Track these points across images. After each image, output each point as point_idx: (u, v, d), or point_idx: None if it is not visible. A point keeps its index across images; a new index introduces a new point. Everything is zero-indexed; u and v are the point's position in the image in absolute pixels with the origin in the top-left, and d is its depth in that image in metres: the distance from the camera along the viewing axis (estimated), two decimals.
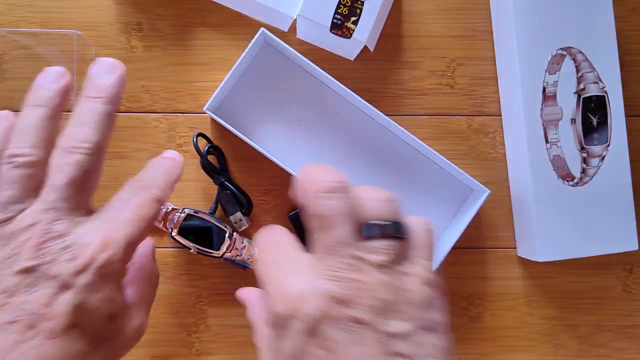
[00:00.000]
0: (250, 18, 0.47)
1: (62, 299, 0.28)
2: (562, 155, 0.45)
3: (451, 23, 0.48)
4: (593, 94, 0.45)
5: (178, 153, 0.35)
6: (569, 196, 0.45)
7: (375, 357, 0.24)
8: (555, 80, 0.45)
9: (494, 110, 0.49)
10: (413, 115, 0.48)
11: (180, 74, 0.47)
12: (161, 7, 0.47)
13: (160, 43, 0.47)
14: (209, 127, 0.47)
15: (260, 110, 0.47)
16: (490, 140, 0.49)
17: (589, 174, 0.45)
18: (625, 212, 0.45)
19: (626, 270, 0.49)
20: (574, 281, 0.48)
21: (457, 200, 0.48)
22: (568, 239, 0.45)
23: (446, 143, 0.48)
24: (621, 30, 0.47)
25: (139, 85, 0.47)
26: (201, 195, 0.47)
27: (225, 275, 0.47)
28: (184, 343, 0.47)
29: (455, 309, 0.48)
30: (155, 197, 0.32)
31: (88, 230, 0.30)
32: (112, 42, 0.47)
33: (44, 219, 0.29)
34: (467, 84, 0.48)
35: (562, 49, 0.45)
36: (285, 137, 0.47)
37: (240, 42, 0.47)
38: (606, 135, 0.45)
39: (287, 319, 0.26)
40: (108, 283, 0.29)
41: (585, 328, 0.48)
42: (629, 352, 0.48)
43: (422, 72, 0.48)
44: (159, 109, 0.47)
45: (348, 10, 0.43)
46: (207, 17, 0.47)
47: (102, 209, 0.31)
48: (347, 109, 0.47)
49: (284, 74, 0.47)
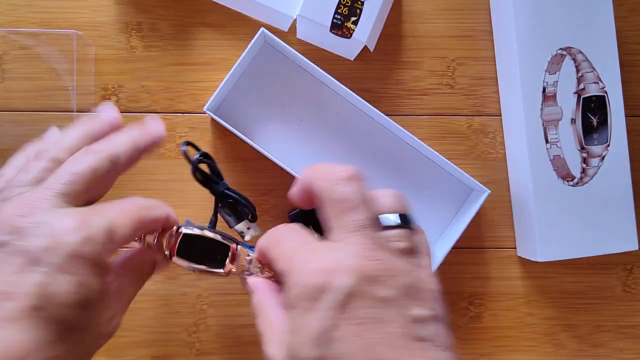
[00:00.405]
0: (250, 18, 0.47)
1: (28, 278, 0.26)
2: (562, 155, 0.45)
3: (451, 23, 0.48)
4: (593, 94, 0.45)
5: (157, 121, 0.35)
6: (569, 196, 0.45)
7: (400, 337, 0.25)
8: (555, 80, 0.45)
9: (494, 110, 0.49)
10: (413, 116, 0.48)
11: (180, 74, 0.47)
12: (161, 7, 0.47)
13: (160, 43, 0.47)
14: (209, 127, 0.47)
15: (260, 110, 0.47)
16: (490, 140, 0.49)
17: (589, 174, 0.45)
18: (625, 212, 0.45)
19: (626, 270, 0.49)
20: (574, 281, 0.48)
21: (457, 200, 0.48)
22: (568, 239, 0.45)
23: (446, 143, 0.48)
24: (621, 30, 0.47)
25: (139, 85, 0.47)
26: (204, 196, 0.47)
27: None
28: (184, 343, 0.47)
29: (455, 309, 0.48)
30: (111, 157, 0.31)
31: (69, 214, 0.29)
32: (112, 42, 0.47)
33: (32, 197, 0.28)
34: (467, 84, 0.48)
35: (562, 49, 0.45)
36: (285, 137, 0.47)
37: (240, 42, 0.47)
38: (606, 135, 0.45)
39: (318, 292, 0.25)
40: (82, 267, 0.27)
41: (585, 328, 0.48)
42: (629, 352, 0.48)
43: (422, 72, 0.48)
44: (159, 109, 0.47)
45: (348, 10, 0.43)
46: (207, 17, 0.47)
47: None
48: (347, 109, 0.47)
49: (284, 74, 0.47)
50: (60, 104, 0.46)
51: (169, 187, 0.47)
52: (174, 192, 0.47)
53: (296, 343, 0.26)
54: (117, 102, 0.47)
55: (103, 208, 0.30)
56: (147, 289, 0.37)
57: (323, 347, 0.25)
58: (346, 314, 0.25)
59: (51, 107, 0.46)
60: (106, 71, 0.47)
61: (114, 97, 0.47)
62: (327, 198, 0.28)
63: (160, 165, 0.47)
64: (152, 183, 0.47)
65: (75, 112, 0.46)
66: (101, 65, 0.47)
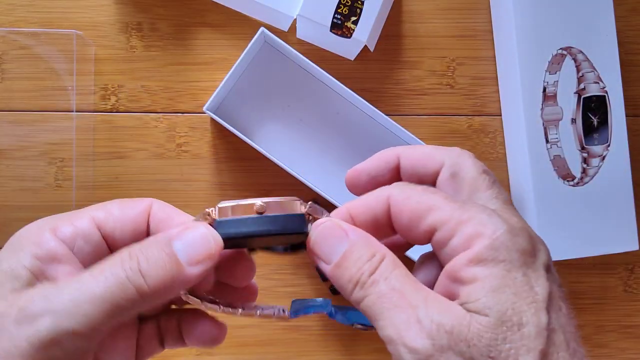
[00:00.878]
0: (250, 18, 0.47)
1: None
2: (563, 155, 0.45)
3: (451, 23, 0.48)
4: (593, 93, 0.45)
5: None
6: (569, 196, 0.44)
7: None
8: (556, 80, 0.45)
9: (494, 110, 0.48)
10: (413, 115, 0.48)
11: (180, 73, 0.47)
12: (161, 6, 0.47)
13: (160, 43, 0.47)
14: (209, 127, 0.47)
15: (260, 110, 0.47)
16: (491, 140, 0.48)
17: (590, 174, 0.45)
18: (625, 211, 0.45)
19: (627, 270, 0.48)
20: (575, 281, 0.48)
21: None
22: (569, 239, 0.44)
23: (446, 143, 0.48)
24: (621, 30, 0.47)
25: (139, 85, 0.47)
26: (204, 196, 0.47)
27: None
28: None
29: None
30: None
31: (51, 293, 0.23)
32: (112, 42, 0.47)
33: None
34: (468, 84, 0.48)
35: (562, 48, 0.45)
36: (285, 137, 0.47)
37: (240, 42, 0.47)
38: (606, 135, 0.45)
39: (534, 251, 0.24)
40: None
41: (587, 328, 0.48)
42: (631, 352, 0.48)
43: (422, 72, 0.48)
44: (158, 109, 0.47)
45: (348, 10, 0.43)
46: (207, 17, 0.47)
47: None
48: (347, 108, 0.47)
49: (284, 73, 0.47)
50: (59, 104, 0.46)
51: (168, 187, 0.47)
52: (174, 192, 0.47)
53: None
54: (116, 102, 0.47)
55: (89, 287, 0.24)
56: None
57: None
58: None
59: (51, 107, 0.46)
60: (106, 71, 0.47)
61: (114, 97, 0.47)
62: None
63: (160, 165, 0.47)
64: (152, 183, 0.47)
65: (75, 112, 0.46)
66: (101, 65, 0.47)
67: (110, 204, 0.27)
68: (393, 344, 0.22)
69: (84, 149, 0.46)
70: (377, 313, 0.23)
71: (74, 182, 0.46)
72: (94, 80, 0.47)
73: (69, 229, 0.26)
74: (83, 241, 0.26)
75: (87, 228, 0.26)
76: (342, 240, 0.25)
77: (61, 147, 0.46)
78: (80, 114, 0.46)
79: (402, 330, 0.22)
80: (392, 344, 0.22)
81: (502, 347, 0.21)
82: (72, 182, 0.46)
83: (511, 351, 0.21)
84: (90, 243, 0.26)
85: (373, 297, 0.23)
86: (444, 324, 0.22)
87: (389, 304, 0.23)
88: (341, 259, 0.24)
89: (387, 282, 0.23)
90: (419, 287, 0.23)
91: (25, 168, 0.46)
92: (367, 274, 0.24)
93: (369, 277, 0.24)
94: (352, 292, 0.24)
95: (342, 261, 0.24)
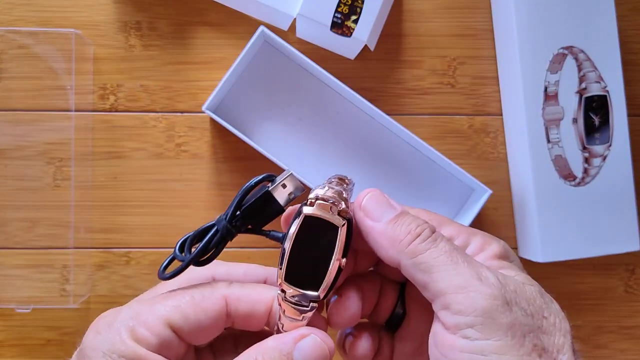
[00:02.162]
0: (250, 17, 0.47)
1: None
2: (564, 155, 0.44)
3: (452, 22, 0.48)
4: (595, 93, 0.45)
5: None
6: (570, 196, 0.44)
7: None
8: (557, 80, 0.44)
9: (495, 110, 0.48)
10: (414, 115, 0.48)
11: (179, 73, 0.47)
12: (160, 5, 0.47)
13: (159, 42, 0.47)
14: (208, 126, 0.47)
15: (260, 110, 0.47)
16: (492, 140, 0.48)
17: (591, 174, 0.45)
18: (627, 212, 0.45)
19: (628, 271, 0.48)
20: (575, 282, 0.48)
21: (458, 201, 0.48)
22: (570, 240, 0.44)
23: (447, 143, 0.48)
24: (623, 29, 0.46)
25: (138, 84, 0.47)
26: (204, 196, 0.47)
27: None
28: None
29: None
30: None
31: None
32: (110, 41, 0.47)
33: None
34: (468, 84, 0.48)
35: (563, 48, 0.44)
36: (285, 136, 0.47)
37: (240, 41, 0.46)
38: (608, 135, 0.45)
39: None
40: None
41: (587, 329, 0.48)
42: (631, 353, 0.48)
43: (423, 71, 0.48)
44: (157, 109, 0.47)
45: (348, 9, 0.43)
46: (206, 16, 0.47)
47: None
48: (347, 108, 0.47)
49: (283, 73, 0.47)
50: (58, 103, 0.46)
51: (167, 187, 0.47)
52: (172, 191, 0.47)
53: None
54: (115, 101, 0.47)
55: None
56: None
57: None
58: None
59: (49, 107, 0.46)
60: (105, 70, 0.47)
61: (113, 96, 0.47)
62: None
63: (159, 165, 0.47)
64: (151, 183, 0.47)
65: (74, 111, 0.46)
66: (100, 64, 0.47)
67: (182, 297, 0.27)
68: (446, 297, 0.24)
69: (83, 148, 0.46)
70: (438, 265, 0.25)
71: (72, 181, 0.46)
72: (92, 79, 0.46)
73: (147, 334, 0.26)
74: (163, 347, 0.26)
75: (167, 336, 0.26)
76: (391, 207, 0.27)
77: (60, 146, 0.46)
78: (79, 113, 0.46)
79: (469, 282, 0.24)
80: (444, 296, 0.25)
81: (550, 310, 0.26)
82: (71, 182, 0.46)
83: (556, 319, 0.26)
84: (169, 349, 0.26)
85: (436, 251, 0.25)
86: (508, 284, 0.25)
87: (455, 258, 0.25)
88: (396, 217, 0.27)
89: (449, 242, 0.26)
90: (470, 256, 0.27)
91: (24, 168, 0.46)
92: (429, 231, 0.26)
93: (431, 233, 0.26)
94: (409, 243, 0.26)
95: (398, 218, 0.27)
